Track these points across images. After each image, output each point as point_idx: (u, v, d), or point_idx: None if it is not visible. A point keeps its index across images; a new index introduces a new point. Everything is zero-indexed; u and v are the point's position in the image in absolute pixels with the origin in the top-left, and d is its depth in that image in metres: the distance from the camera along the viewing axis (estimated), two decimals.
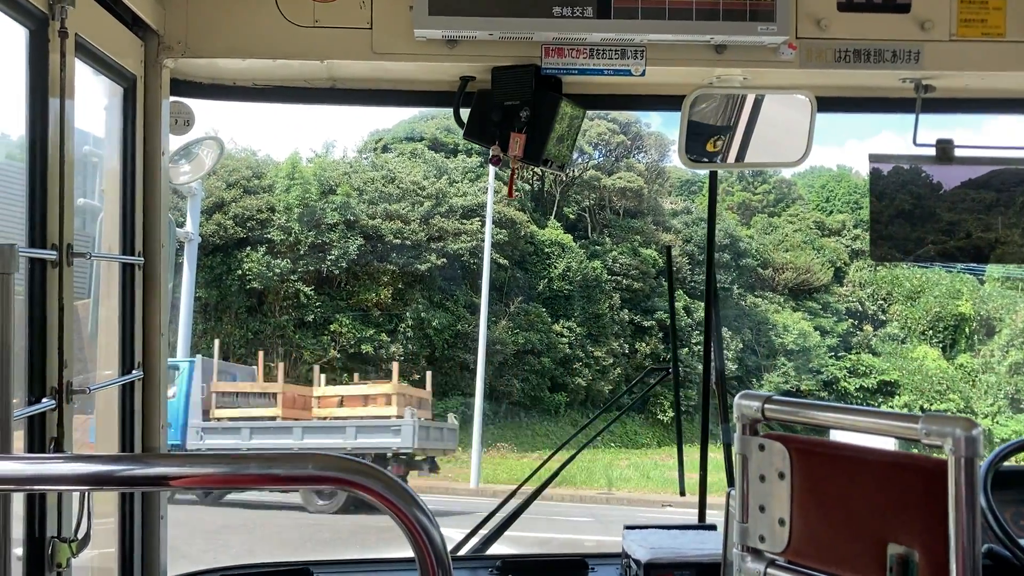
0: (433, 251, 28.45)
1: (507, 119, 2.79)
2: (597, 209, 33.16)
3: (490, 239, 24.87)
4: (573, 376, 29.14)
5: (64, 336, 2.08)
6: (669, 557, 2.89)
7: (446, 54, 2.69)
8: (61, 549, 2.05)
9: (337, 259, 27.37)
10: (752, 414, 1.76)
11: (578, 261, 30.65)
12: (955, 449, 1.42)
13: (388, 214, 28.45)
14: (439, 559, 1.27)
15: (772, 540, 1.72)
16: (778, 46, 2.70)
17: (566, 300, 30.15)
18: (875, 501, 1.56)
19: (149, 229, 2.64)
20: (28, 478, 1.27)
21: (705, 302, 3.64)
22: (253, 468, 1.21)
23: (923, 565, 1.49)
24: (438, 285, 28.82)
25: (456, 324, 28.27)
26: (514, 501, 3.55)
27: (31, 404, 1.98)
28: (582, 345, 29.58)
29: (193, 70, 2.82)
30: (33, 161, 2.04)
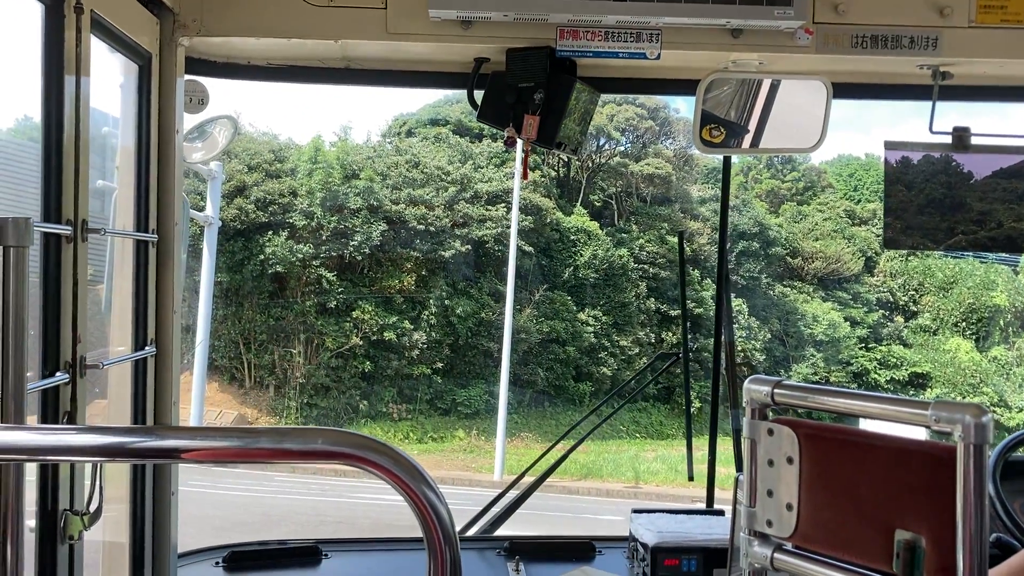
0: (457, 237, 27.82)
1: (521, 101, 2.78)
2: (624, 196, 32.49)
3: (516, 225, 24.57)
4: (598, 365, 28.56)
5: (78, 311, 2.10)
6: (676, 541, 2.91)
7: (460, 35, 2.68)
8: (73, 521, 2.07)
9: (360, 244, 26.81)
10: (761, 399, 1.76)
11: (604, 249, 29.94)
12: (964, 436, 1.42)
13: (412, 199, 27.94)
14: (447, 537, 1.28)
15: (779, 525, 1.73)
16: (795, 31, 2.68)
17: (592, 288, 29.51)
18: (883, 487, 1.56)
19: (163, 207, 2.66)
20: (41, 448, 1.28)
21: (716, 288, 3.63)
22: (264, 442, 1.22)
23: (930, 551, 1.49)
24: (462, 272, 28.25)
25: (480, 312, 27.79)
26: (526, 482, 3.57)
27: (45, 378, 2.00)
28: (607, 334, 28.96)
29: (208, 49, 2.82)
30: (48, 137, 2.05)
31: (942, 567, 1.48)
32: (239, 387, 26.49)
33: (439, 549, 1.27)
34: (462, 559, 1.32)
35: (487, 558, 3.09)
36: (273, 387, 26.36)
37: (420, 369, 26.61)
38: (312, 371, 26.08)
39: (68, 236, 2.07)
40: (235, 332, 26.15)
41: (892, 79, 2.99)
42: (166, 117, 2.66)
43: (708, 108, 2.92)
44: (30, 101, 2.08)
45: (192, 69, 2.82)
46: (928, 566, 1.49)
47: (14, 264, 1.54)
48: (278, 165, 28.07)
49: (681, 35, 2.70)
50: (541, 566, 2.98)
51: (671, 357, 3.90)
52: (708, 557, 2.86)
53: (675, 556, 2.87)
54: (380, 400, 26.37)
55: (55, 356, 2.04)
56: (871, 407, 1.62)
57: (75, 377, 2.09)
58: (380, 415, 26.16)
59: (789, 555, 1.71)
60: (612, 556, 3.13)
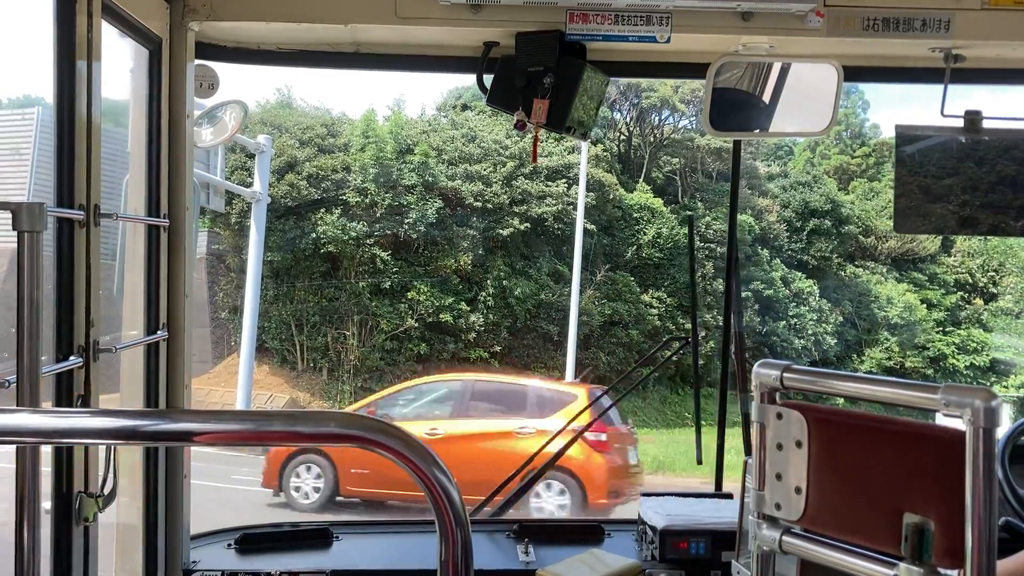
0: (516, 215, 26.27)
1: (531, 85, 2.78)
2: (688, 172, 30.77)
3: (583, 201, 23.21)
4: (662, 350, 27.23)
5: (91, 295, 2.11)
6: (685, 524, 2.92)
7: (470, 19, 2.68)
8: (88, 504, 2.10)
9: (415, 222, 25.36)
10: (770, 382, 1.77)
11: (669, 227, 28.32)
12: (974, 419, 1.42)
13: (468, 175, 26.40)
14: (458, 519, 1.29)
15: (788, 508, 1.73)
16: (805, 14, 2.66)
17: (655, 269, 27.90)
18: (892, 470, 1.56)
19: (174, 191, 2.67)
20: (55, 431, 1.30)
21: (726, 272, 3.63)
22: (277, 425, 1.24)
23: (939, 535, 1.50)
24: (520, 251, 26.80)
25: (539, 293, 26.44)
26: None
27: (59, 362, 2.02)
28: (672, 316, 27.42)
29: (218, 33, 2.82)
30: (61, 122, 2.06)
31: (950, 550, 1.48)
32: (291, 370, 25.41)
33: (450, 531, 1.29)
34: (472, 541, 1.33)
35: (496, 540, 3.11)
36: (326, 370, 25.23)
37: (477, 353, 25.46)
38: (366, 354, 24.96)
39: (81, 221, 2.08)
40: (287, 313, 25.07)
41: (903, 62, 2.97)
42: (176, 102, 2.67)
43: (718, 92, 2.91)
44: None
45: (202, 54, 2.83)
46: (936, 549, 1.50)
47: (28, 249, 1.55)
48: (330, 140, 26.61)
49: (691, 18, 2.69)
50: (550, 549, 3.00)
51: (681, 341, 3.90)
52: (717, 540, 2.87)
53: (684, 539, 2.88)
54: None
55: (68, 340, 2.06)
56: (880, 391, 1.63)
57: (88, 361, 2.11)
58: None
59: (797, 538, 1.72)
60: (621, 539, 3.14)
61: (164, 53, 2.61)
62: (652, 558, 2.91)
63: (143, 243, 2.60)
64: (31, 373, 1.54)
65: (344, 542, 3.09)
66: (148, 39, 2.54)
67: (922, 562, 1.49)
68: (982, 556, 1.43)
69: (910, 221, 3.07)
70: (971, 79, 3.04)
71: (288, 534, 3.10)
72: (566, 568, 2.66)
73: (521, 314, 26.12)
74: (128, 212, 2.62)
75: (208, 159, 15.57)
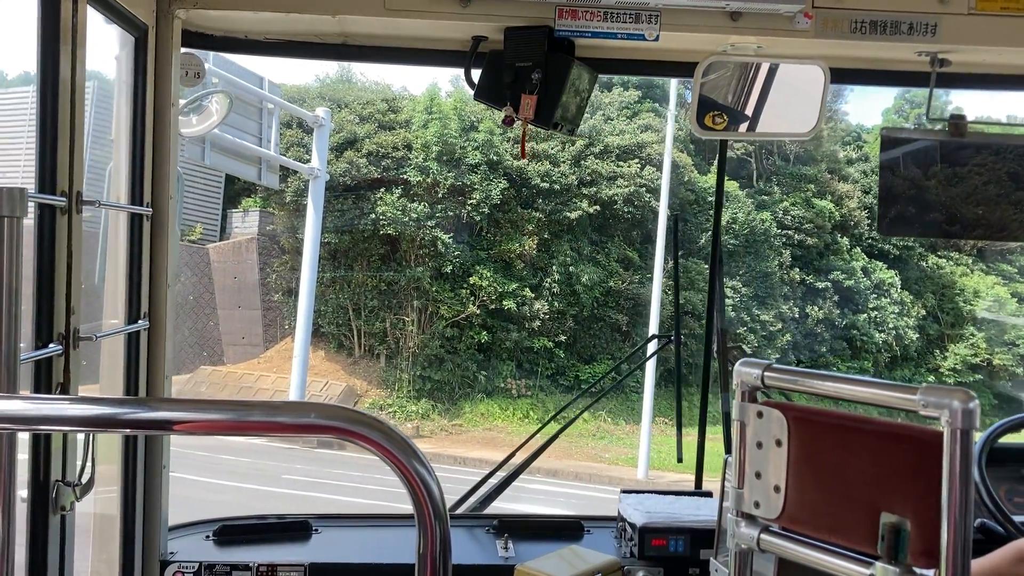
0: (584, 197, 24.52)
1: (519, 80, 2.78)
2: (764, 154, 28.70)
3: (668, 182, 21.50)
4: (736, 342, 24.81)
5: (72, 283, 2.10)
6: (664, 522, 2.93)
7: (459, 13, 2.67)
8: (65, 492, 2.08)
9: (478, 204, 23.85)
10: (751, 381, 1.77)
11: (745, 212, 26.48)
12: (951, 421, 1.44)
13: (535, 154, 24.63)
14: (437, 513, 1.29)
15: (767, 506, 1.74)
16: (794, 15, 2.67)
17: (730, 256, 26.00)
18: (870, 470, 1.57)
19: (158, 180, 2.65)
20: (33, 417, 1.29)
21: (710, 271, 3.64)
22: (257, 415, 1.23)
23: (915, 535, 1.51)
24: (588, 236, 24.98)
25: (608, 280, 24.68)
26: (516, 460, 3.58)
27: (38, 349, 2.00)
28: (747, 307, 25.71)
29: (205, 22, 2.81)
30: (44, 108, 2.05)
31: (926, 550, 1.49)
32: (347, 356, 24.35)
33: (429, 525, 1.28)
34: (451, 536, 1.33)
35: (476, 535, 3.11)
36: (384, 357, 24.14)
37: (541, 342, 24.11)
38: (426, 341, 23.80)
39: (63, 208, 2.06)
40: (343, 297, 23.93)
41: (890, 65, 2.99)
42: (162, 90, 2.65)
43: (706, 91, 2.91)
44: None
45: (189, 42, 2.81)
46: (912, 549, 1.51)
47: (8, 234, 1.54)
48: (391, 116, 25.00)
49: (680, 17, 2.70)
50: (530, 544, 3.00)
51: (664, 339, 3.91)
52: (695, 538, 2.88)
53: (663, 536, 2.89)
54: (498, 374, 23.91)
55: (48, 327, 2.04)
56: (860, 391, 1.63)
57: (68, 349, 2.09)
58: (497, 390, 23.76)
59: (776, 536, 1.73)
60: (600, 535, 3.15)
61: (150, 41, 2.60)
62: (631, 555, 2.91)
63: (125, 231, 2.58)
64: (8, 360, 1.52)
65: (323, 535, 3.08)
66: (134, 26, 2.52)
67: (898, 562, 1.50)
68: (957, 556, 1.44)
69: (894, 225, 3.09)
70: (957, 83, 3.06)
71: (267, 526, 3.09)
72: (545, 564, 2.66)
73: (588, 302, 24.47)
74: (112, 200, 2.61)
75: (261, 132, 15.01)
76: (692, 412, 4.11)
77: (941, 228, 3.10)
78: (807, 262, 27.04)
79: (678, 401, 4.01)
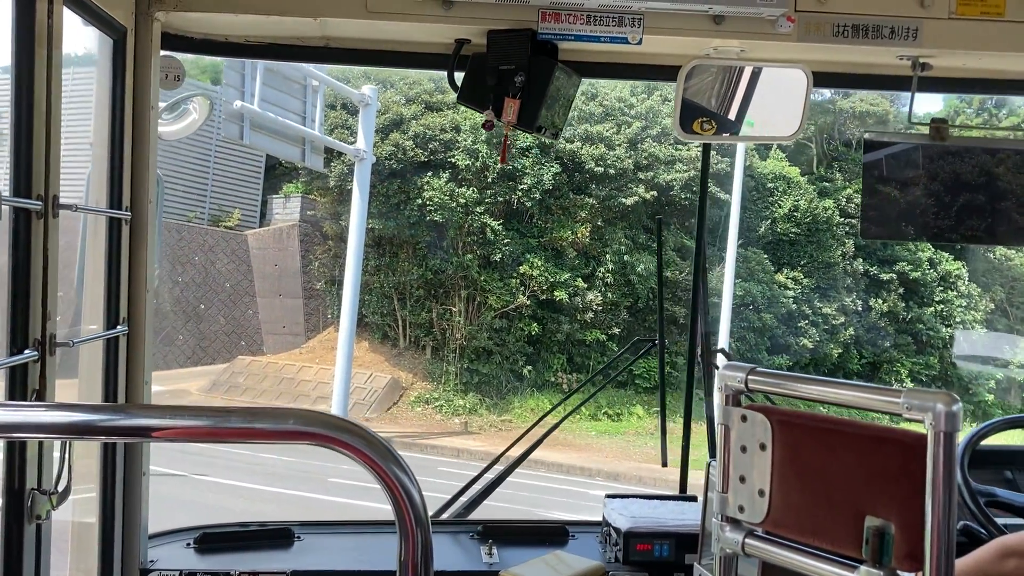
0: (641, 182, 23.01)
1: (502, 84, 2.76)
2: (825, 139, 27.51)
3: (741, 170, 20.61)
4: (797, 336, 24.00)
5: (48, 288, 2.07)
6: (649, 526, 2.92)
7: (441, 15, 2.66)
8: (40, 501, 2.05)
9: (529, 189, 22.56)
10: (735, 385, 1.77)
11: (807, 199, 25.22)
12: (935, 424, 1.43)
13: (588, 137, 23.31)
14: (418, 519, 1.27)
15: (751, 510, 1.73)
16: (776, 18, 2.68)
17: (791, 246, 24.77)
18: (854, 473, 1.57)
19: (137, 183, 2.62)
20: (7, 425, 1.26)
21: (694, 273, 3.64)
22: (235, 422, 1.21)
23: (899, 538, 1.50)
24: (643, 223, 23.55)
25: (664, 270, 22.88)
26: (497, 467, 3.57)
27: (13, 355, 1.97)
28: (808, 300, 24.47)
29: (185, 24, 2.78)
30: (19, 111, 2.02)
31: (910, 553, 1.49)
32: (392, 347, 23.41)
33: (410, 531, 1.27)
34: (434, 542, 1.31)
35: (460, 541, 3.09)
36: (430, 348, 23.17)
37: (594, 334, 22.99)
38: (473, 332, 22.77)
39: (39, 212, 2.04)
40: (388, 286, 22.99)
41: (872, 69, 3.00)
42: (141, 93, 2.63)
43: (689, 95, 2.91)
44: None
45: (169, 45, 2.78)
46: (896, 552, 1.50)
47: None
48: (439, 96, 23.81)
49: (663, 20, 2.70)
50: (514, 550, 2.99)
51: (647, 343, 3.90)
52: (680, 542, 2.87)
53: (647, 541, 2.88)
54: (548, 368, 22.81)
55: (24, 333, 2.01)
56: (844, 394, 1.63)
57: (44, 355, 2.06)
58: (547, 385, 22.63)
59: (760, 540, 1.72)
60: (585, 540, 3.14)
61: (129, 43, 2.57)
62: (616, 560, 2.90)
63: (104, 236, 2.55)
64: None
65: (305, 542, 3.05)
66: (112, 28, 2.49)
67: (882, 565, 1.50)
68: (941, 559, 1.44)
69: (877, 228, 3.10)
70: (938, 87, 3.07)
71: (249, 533, 3.06)
72: (529, 570, 2.65)
73: (643, 293, 23.18)
74: (90, 204, 2.58)
75: (305, 111, 14.41)
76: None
77: (923, 231, 3.11)
78: (871, 252, 25.64)
79: (662, 405, 4.01)
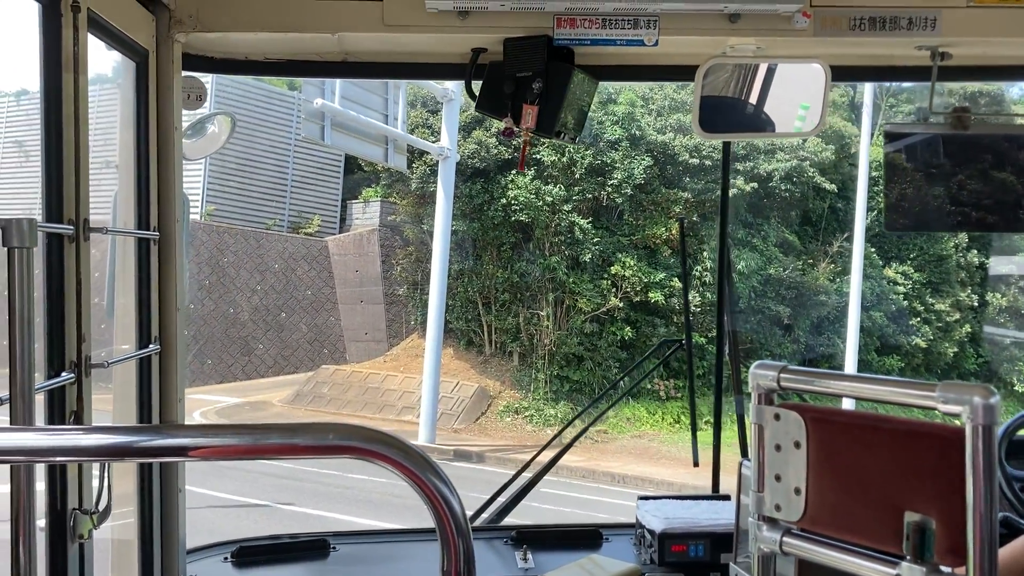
0: (739, 173, 21.68)
1: (519, 91, 2.77)
2: (955, 119, 25.83)
3: (866, 161, 19.00)
4: (909, 335, 22.72)
5: (82, 310, 2.10)
6: (683, 527, 2.92)
7: (457, 26, 2.67)
8: (83, 520, 2.08)
9: (619, 184, 21.30)
10: (767, 384, 1.76)
11: (944, 187, 24.46)
12: (972, 417, 1.43)
13: (681, 127, 22.10)
14: (459, 528, 1.28)
15: (788, 509, 1.73)
16: (792, 14, 2.67)
17: (899, 238, 23.24)
18: (891, 469, 1.56)
19: (164, 204, 2.66)
20: (49, 449, 1.28)
21: (718, 272, 3.63)
22: (274, 438, 1.22)
23: (940, 533, 1.50)
24: (741, 217, 22.23)
25: (766, 267, 22.04)
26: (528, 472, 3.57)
27: (50, 378, 2.00)
28: (920, 295, 23.11)
29: (205, 44, 2.81)
30: (48, 136, 2.05)
31: (952, 548, 1.48)
32: (478, 354, 22.44)
33: (452, 541, 1.28)
34: None
35: (495, 547, 3.09)
36: (517, 355, 22.07)
37: (693, 337, 21.60)
38: (563, 337, 21.60)
39: (70, 236, 2.07)
40: (473, 290, 22.00)
41: (891, 61, 2.98)
42: (164, 114, 2.66)
43: (707, 93, 2.91)
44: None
45: (189, 65, 2.81)
46: (938, 547, 1.50)
47: (19, 265, 1.54)
48: None
49: (678, 21, 2.70)
50: (549, 554, 2.99)
51: (673, 344, 3.90)
52: (715, 542, 2.87)
53: (682, 542, 2.88)
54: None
55: (60, 356, 2.04)
56: (878, 390, 1.63)
57: (80, 376, 2.09)
58: (643, 392, 21.21)
59: (798, 539, 1.72)
60: (619, 543, 3.14)
61: (151, 65, 2.60)
62: (651, 562, 2.90)
63: (133, 256, 2.59)
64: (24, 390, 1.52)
65: (341, 552, 3.07)
66: (135, 51, 2.53)
67: (924, 560, 1.49)
68: (984, 553, 1.43)
69: (901, 219, 3.08)
70: (958, 76, 3.05)
71: (285, 545, 3.08)
72: (565, 574, 2.65)
73: (744, 292, 21.77)
74: (119, 225, 2.61)
75: (387, 108, 13.83)
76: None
77: (949, 222, 3.09)
78: (986, 243, 24.14)
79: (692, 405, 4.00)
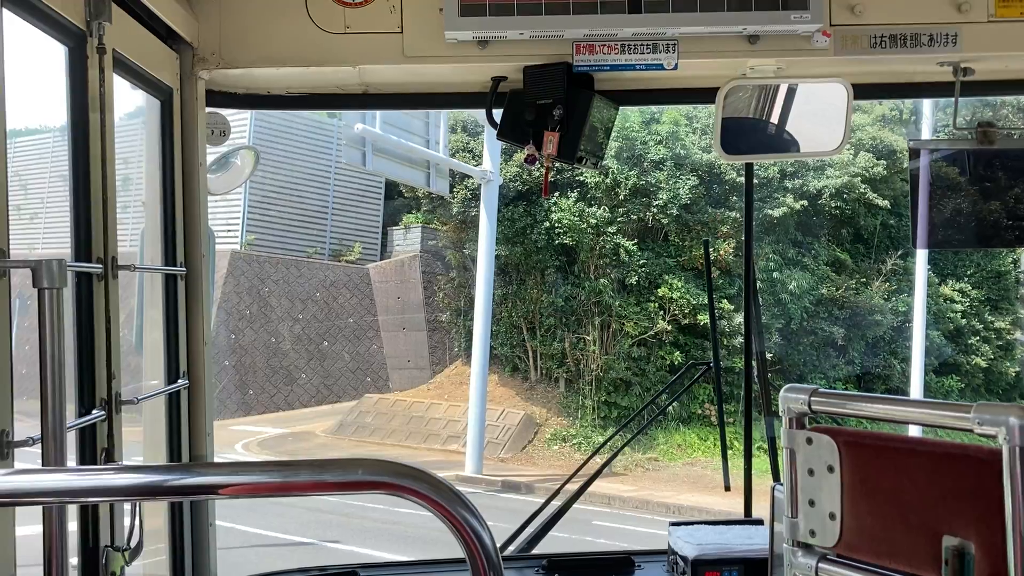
0: (788, 191, 21.22)
1: (540, 118, 2.78)
2: (982, 134, 25.51)
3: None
4: (968, 354, 22.17)
5: (112, 348, 2.11)
6: (716, 553, 2.88)
7: (477, 55, 2.69)
8: (115, 558, 2.08)
9: (664, 205, 20.93)
10: (798, 407, 1.74)
11: (970, 203, 23.72)
12: (1009, 438, 1.40)
13: None
14: (490, 560, 1.27)
15: (823, 534, 1.70)
16: (812, 34, 2.66)
17: (955, 255, 22.58)
18: (928, 492, 1.54)
19: (190, 239, 2.68)
20: (81, 490, 1.29)
21: (744, 294, 3.61)
22: (304, 475, 1.22)
23: (980, 557, 1.47)
24: (791, 236, 21.77)
25: (818, 287, 21.54)
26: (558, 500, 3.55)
27: (81, 416, 2.01)
28: (978, 313, 22.56)
29: (227, 80, 2.85)
30: (76, 176, 2.08)
31: (992, 572, 1.45)
32: (523, 380, 21.98)
33: (483, 572, 1.27)
34: None
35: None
36: (563, 381, 21.58)
37: (742, 361, 20.45)
38: (610, 362, 21.02)
39: (99, 274, 2.09)
40: (517, 315, 21.64)
41: (912, 77, 2.96)
42: (189, 150, 2.69)
43: (728, 115, 2.90)
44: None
45: (213, 101, 2.85)
46: (978, 571, 1.47)
47: (49, 306, 1.55)
48: None
49: (698, 44, 2.69)
50: None
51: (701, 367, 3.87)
52: (749, 568, 2.83)
53: (716, 568, 2.84)
54: (694, 399, 20.93)
55: (91, 393, 2.06)
56: (911, 412, 1.60)
57: (111, 413, 2.10)
58: (693, 417, 20.88)
59: (834, 565, 1.69)
60: (652, 570, 3.10)
61: (175, 103, 2.64)
62: None
63: (160, 292, 2.61)
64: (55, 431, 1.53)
65: None
66: (159, 90, 2.56)
67: None
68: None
69: (929, 237, 3.05)
70: (981, 91, 3.03)
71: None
72: None
73: (796, 313, 21.24)
74: (146, 261, 2.63)
75: (428, 132, 13.78)
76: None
77: (977, 238, 3.06)
78: None
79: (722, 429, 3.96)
